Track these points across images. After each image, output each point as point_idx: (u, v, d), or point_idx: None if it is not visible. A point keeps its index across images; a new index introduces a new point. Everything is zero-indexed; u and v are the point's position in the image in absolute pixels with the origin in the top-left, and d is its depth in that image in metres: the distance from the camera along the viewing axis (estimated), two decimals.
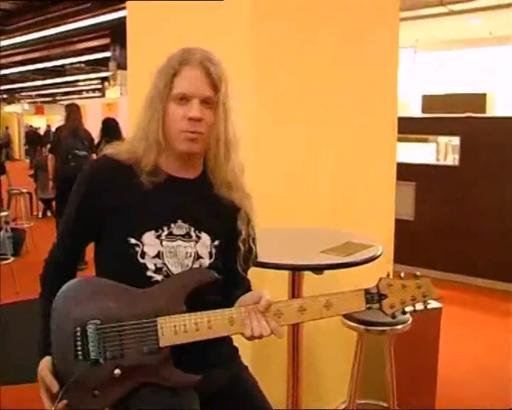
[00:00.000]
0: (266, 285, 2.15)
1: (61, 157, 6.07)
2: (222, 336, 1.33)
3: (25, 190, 7.37)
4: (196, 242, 1.42)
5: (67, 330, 1.30)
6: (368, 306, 1.37)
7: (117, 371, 1.28)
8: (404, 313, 1.40)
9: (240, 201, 1.49)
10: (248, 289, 1.57)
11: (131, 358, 1.29)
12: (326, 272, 1.90)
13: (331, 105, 2.78)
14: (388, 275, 1.42)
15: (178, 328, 1.30)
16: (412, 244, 5.54)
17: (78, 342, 1.29)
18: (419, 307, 1.42)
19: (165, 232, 1.39)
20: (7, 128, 25.29)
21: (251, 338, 1.32)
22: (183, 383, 1.33)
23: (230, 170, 1.46)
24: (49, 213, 9.60)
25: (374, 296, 1.37)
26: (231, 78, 1.44)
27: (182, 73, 1.37)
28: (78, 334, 1.29)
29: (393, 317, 1.40)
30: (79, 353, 1.28)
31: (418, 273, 1.44)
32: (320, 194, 2.74)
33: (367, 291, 1.38)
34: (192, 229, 1.42)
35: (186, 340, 1.30)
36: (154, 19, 2.89)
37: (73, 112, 6.23)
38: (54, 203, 9.48)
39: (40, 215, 9.52)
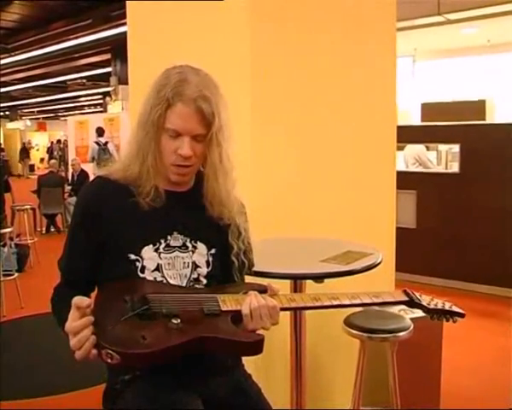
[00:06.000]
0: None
1: None
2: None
3: (28, 206, 7.41)
4: (193, 252, 1.46)
5: (117, 300, 1.27)
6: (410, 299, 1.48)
7: (174, 321, 1.23)
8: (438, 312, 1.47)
9: (231, 216, 1.51)
10: None
11: (191, 316, 1.27)
12: (327, 281, 1.92)
13: (330, 114, 2.81)
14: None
15: (241, 301, 1.33)
16: (415, 252, 5.56)
17: (134, 302, 1.26)
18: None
19: (163, 245, 1.43)
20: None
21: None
22: (247, 337, 1.30)
23: (223, 189, 1.49)
24: (52, 229, 9.65)
25: (409, 294, 1.49)
26: (226, 91, 1.46)
27: (175, 109, 1.37)
28: (136, 299, 1.26)
29: (429, 311, 1.47)
30: (132, 309, 1.24)
31: None
32: (320, 204, 2.76)
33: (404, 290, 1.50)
34: (188, 239, 1.46)
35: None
36: (154, 33, 2.93)
37: None
38: (57, 219, 9.60)
39: (44, 231, 9.56)
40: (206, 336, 1.24)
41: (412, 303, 1.47)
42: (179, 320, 1.23)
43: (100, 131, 11.33)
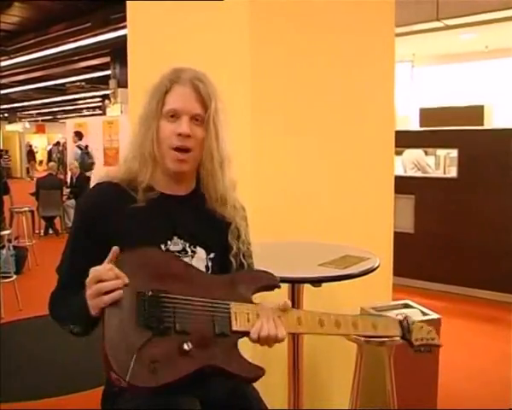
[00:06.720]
0: (266, 298, 2.18)
1: None
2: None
3: (27, 209, 7.41)
4: (192, 256, 1.47)
5: (132, 294, 1.22)
6: (402, 334, 1.53)
7: (186, 346, 1.20)
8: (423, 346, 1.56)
9: (231, 216, 1.54)
10: None
11: (202, 335, 1.25)
12: (324, 285, 1.93)
13: (328, 118, 2.82)
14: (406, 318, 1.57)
15: (251, 316, 1.33)
16: (413, 257, 5.57)
17: (147, 309, 1.21)
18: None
19: (163, 250, 1.44)
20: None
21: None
22: (249, 371, 1.31)
23: (223, 185, 1.51)
24: (50, 231, 9.64)
25: (404, 327, 1.53)
26: (226, 92, 1.50)
27: (172, 91, 1.43)
28: (146, 300, 1.22)
29: (413, 346, 1.55)
30: (145, 319, 1.20)
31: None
32: (318, 208, 2.77)
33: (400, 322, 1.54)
34: (187, 244, 1.47)
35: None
36: (154, 36, 2.95)
37: None
38: (56, 221, 9.59)
39: (42, 233, 9.56)
40: (213, 365, 1.26)
41: (403, 338, 1.54)
42: (191, 346, 1.21)
43: (79, 135, 11.20)
